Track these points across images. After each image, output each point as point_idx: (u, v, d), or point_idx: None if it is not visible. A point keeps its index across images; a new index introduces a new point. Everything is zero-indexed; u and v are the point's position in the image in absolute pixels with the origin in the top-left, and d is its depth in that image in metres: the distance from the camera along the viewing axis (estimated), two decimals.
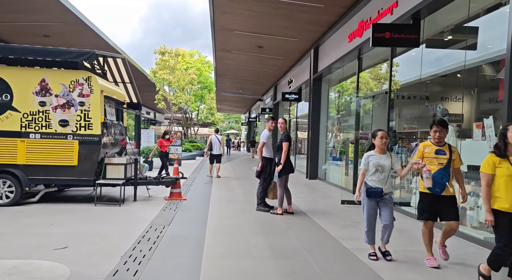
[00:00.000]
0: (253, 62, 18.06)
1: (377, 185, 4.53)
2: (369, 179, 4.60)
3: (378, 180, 4.54)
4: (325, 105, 13.79)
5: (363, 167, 4.64)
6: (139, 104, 10.94)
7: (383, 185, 4.53)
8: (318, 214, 7.28)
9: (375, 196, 4.54)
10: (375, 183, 4.55)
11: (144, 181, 8.24)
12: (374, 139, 4.64)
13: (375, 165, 4.54)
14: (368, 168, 4.61)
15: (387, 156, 4.63)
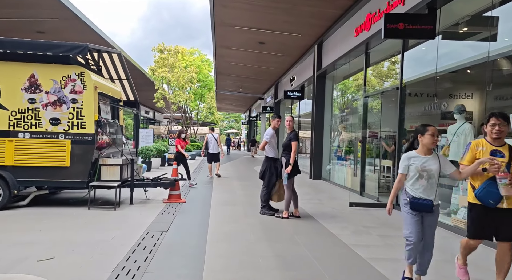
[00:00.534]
0: (254, 60, 17.61)
1: (422, 195, 3.56)
2: (411, 188, 3.62)
3: (423, 189, 3.57)
4: (329, 103, 13.34)
5: (402, 172, 3.66)
6: (137, 103, 10.49)
7: (432, 195, 3.57)
8: (326, 217, 6.84)
9: (423, 209, 3.57)
10: (419, 192, 3.57)
11: (141, 183, 7.79)
12: (421, 136, 3.59)
13: (419, 169, 3.57)
14: (408, 172, 3.64)
15: (434, 157, 3.60)
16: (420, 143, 3.63)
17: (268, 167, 6.95)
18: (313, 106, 13.61)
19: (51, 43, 6.81)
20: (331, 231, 5.80)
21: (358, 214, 7.24)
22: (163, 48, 23.14)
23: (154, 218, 6.40)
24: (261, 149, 7.00)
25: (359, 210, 7.57)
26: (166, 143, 18.36)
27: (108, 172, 7.22)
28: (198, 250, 4.65)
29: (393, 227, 6.16)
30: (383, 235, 5.64)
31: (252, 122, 40.79)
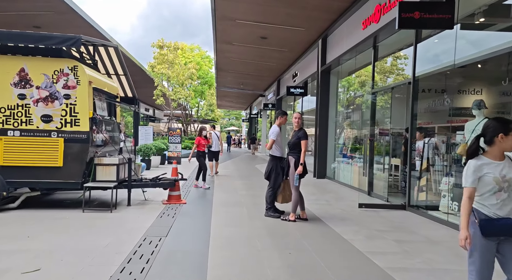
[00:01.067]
0: (256, 55, 17.17)
1: (499, 213, 2.64)
2: (483, 204, 2.69)
3: (501, 204, 2.65)
4: (334, 99, 12.92)
5: (471, 185, 2.67)
6: (135, 99, 10.09)
7: None
8: (335, 220, 6.44)
9: (501, 232, 2.63)
10: (495, 209, 2.65)
11: (139, 183, 7.39)
12: (504, 136, 2.64)
13: (499, 180, 2.63)
14: (480, 184, 2.68)
15: (508, 161, 2.72)
16: (494, 145, 2.69)
17: (274, 167, 6.54)
18: (317, 102, 13.19)
19: (41, 34, 6.38)
20: (343, 236, 5.39)
21: (369, 216, 6.83)
22: (162, 44, 22.68)
23: (152, 221, 5.99)
24: (268, 148, 6.59)
25: (369, 212, 7.17)
26: (166, 141, 17.95)
27: (104, 172, 6.81)
28: (199, 259, 4.25)
29: (408, 231, 5.76)
30: (399, 240, 5.24)
31: (253, 119, 40.36)
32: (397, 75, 8.49)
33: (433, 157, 6.65)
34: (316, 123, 13.24)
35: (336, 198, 8.86)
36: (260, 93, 29.59)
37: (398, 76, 8.33)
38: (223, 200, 8.15)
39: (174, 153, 17.55)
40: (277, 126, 6.70)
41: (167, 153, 17.38)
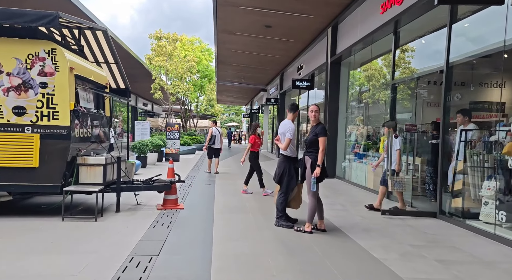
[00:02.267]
0: (259, 46, 16.17)
1: None
2: None
3: None
4: (344, 92, 11.96)
5: None
6: (128, 91, 9.11)
7: None
8: (358, 231, 5.50)
9: None
10: None
11: (130, 186, 6.45)
12: None
13: None
14: None
15: None
16: None
17: (287, 169, 5.60)
18: (326, 96, 12.24)
19: (12, 11, 5.38)
20: (372, 253, 4.46)
21: (395, 225, 5.90)
22: (160, 35, 21.66)
23: (143, 232, 5.06)
24: (284, 149, 5.64)
25: (394, 220, 6.24)
26: (163, 137, 17.00)
27: (89, 173, 5.87)
28: None
29: (449, 247, 4.83)
30: (443, 259, 4.30)
31: (254, 115, 39.38)
32: (426, 62, 7.52)
33: (471, 156, 5.69)
34: (324, 118, 12.29)
35: (352, 201, 7.93)
36: (261, 87, 28.60)
37: (427, 64, 7.36)
38: (225, 204, 7.22)
39: (172, 150, 16.61)
40: (291, 122, 5.77)
41: (165, 149, 16.44)
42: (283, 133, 5.70)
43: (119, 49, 19.02)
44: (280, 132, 5.77)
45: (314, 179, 5.21)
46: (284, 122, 5.82)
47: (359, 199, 8.21)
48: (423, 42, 7.63)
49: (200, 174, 12.07)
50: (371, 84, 10.21)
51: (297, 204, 5.89)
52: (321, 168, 5.17)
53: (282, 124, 5.84)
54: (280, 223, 5.60)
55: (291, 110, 5.92)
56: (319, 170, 5.18)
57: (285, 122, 5.81)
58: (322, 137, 5.24)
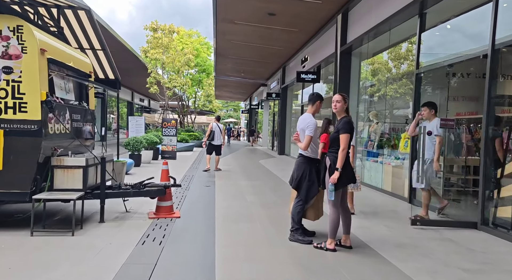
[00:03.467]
0: (261, 37, 15.19)
1: None
2: None
3: None
4: (355, 85, 11.01)
5: None
6: (118, 81, 8.15)
7: None
8: (390, 247, 4.57)
9: None
10: None
11: (117, 192, 5.48)
12: None
13: None
14: None
15: None
16: None
17: (307, 172, 4.65)
18: (335, 90, 11.28)
19: None
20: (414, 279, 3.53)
21: (431, 238, 4.97)
22: (156, 26, 20.59)
23: (130, 251, 4.11)
24: (304, 148, 4.67)
25: (428, 231, 5.31)
26: (159, 133, 16.02)
27: (66, 177, 4.90)
28: None
29: (510, 270, 3.90)
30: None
31: (253, 110, 38.41)
32: (457, 47, 6.55)
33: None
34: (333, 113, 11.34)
35: (371, 206, 6.99)
36: (262, 82, 27.63)
37: (463, 48, 6.37)
38: (228, 211, 6.27)
39: (168, 147, 15.65)
40: (312, 116, 4.82)
41: (161, 147, 15.47)
42: (303, 130, 4.75)
43: (112, 40, 17.96)
44: (299, 128, 4.81)
45: (332, 185, 4.27)
46: (304, 117, 4.86)
47: (378, 204, 7.29)
48: (456, 24, 6.65)
49: (198, 173, 11.12)
50: (387, 75, 9.24)
51: (316, 214, 4.95)
52: (343, 172, 4.24)
53: (302, 118, 4.88)
54: (296, 238, 4.66)
55: (312, 101, 4.94)
56: (337, 174, 4.23)
57: (304, 117, 4.85)
58: (344, 134, 4.29)
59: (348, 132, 4.33)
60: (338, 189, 4.32)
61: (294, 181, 4.76)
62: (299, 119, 4.96)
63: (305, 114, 4.92)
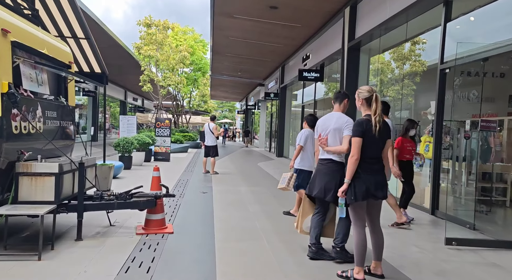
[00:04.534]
0: (260, 34, 14.37)
1: None
2: None
3: None
4: (364, 83, 10.21)
5: None
6: (105, 76, 7.30)
7: None
8: (428, 274, 3.76)
9: None
10: None
11: (97, 204, 4.61)
12: None
13: None
14: None
15: None
16: None
17: (337, 182, 3.85)
18: (342, 89, 10.48)
19: None
20: None
21: (474, 263, 4.17)
22: (150, 22, 19.68)
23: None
24: (345, 151, 3.89)
25: (465, 253, 4.51)
26: (152, 134, 15.14)
27: (34, 187, 4.03)
28: None
29: None
30: None
31: (249, 111, 37.60)
32: (491, 38, 5.76)
33: None
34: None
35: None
36: (259, 82, 26.82)
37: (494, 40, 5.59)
38: (228, 225, 5.43)
39: (162, 148, 14.76)
40: (343, 114, 4.11)
41: (154, 148, 14.58)
42: (338, 130, 4.04)
43: (104, 35, 17.07)
44: (332, 128, 4.09)
45: (342, 200, 3.50)
46: (337, 115, 4.16)
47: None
48: (487, 12, 5.87)
49: (194, 177, 10.27)
50: (402, 71, 8.44)
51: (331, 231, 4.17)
52: (356, 184, 3.44)
53: (333, 117, 4.18)
54: (321, 254, 3.86)
55: (339, 99, 4.29)
56: (345, 186, 3.50)
57: (337, 115, 4.15)
58: (352, 138, 3.54)
59: (356, 136, 3.51)
60: (350, 204, 3.54)
61: (321, 190, 4.02)
62: (325, 119, 4.23)
63: (336, 113, 4.22)
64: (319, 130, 4.24)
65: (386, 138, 3.62)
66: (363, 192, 3.50)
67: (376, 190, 3.53)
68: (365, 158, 3.50)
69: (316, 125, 4.36)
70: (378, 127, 3.49)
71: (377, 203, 3.65)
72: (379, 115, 3.54)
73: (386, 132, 3.62)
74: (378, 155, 3.58)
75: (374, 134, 3.49)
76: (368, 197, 3.53)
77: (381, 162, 3.62)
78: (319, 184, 4.07)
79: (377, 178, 3.55)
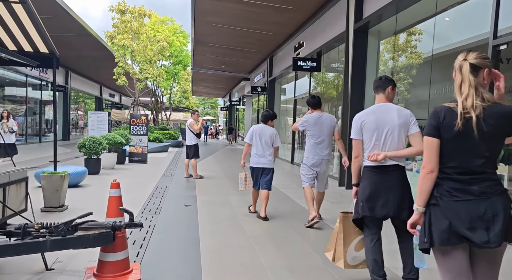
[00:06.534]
0: (248, 19, 12.82)
1: None
2: None
3: None
4: (372, 71, 8.78)
5: None
6: (54, 57, 5.63)
7: None
8: None
9: None
10: None
11: (18, 243, 2.96)
12: None
13: None
14: None
15: None
16: None
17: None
18: (346, 79, 9.03)
19: None
20: None
21: None
22: (124, 8, 17.79)
23: None
24: (415, 154, 2.91)
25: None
26: (126, 132, 13.39)
27: None
28: None
29: None
30: None
31: (233, 107, 35.98)
32: None
33: None
34: (345, 108, 9.10)
35: None
36: (243, 76, 25.25)
37: None
38: (222, 260, 3.86)
39: (138, 148, 13.04)
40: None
41: (128, 148, 12.85)
42: (404, 126, 2.98)
43: (72, 22, 15.14)
44: (397, 124, 3.02)
45: (417, 240, 2.19)
46: (394, 107, 3.10)
47: None
48: None
49: (174, 183, 8.65)
50: (432, 53, 6.98)
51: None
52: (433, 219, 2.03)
53: (391, 110, 3.08)
54: None
55: (381, 87, 3.20)
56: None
57: (395, 107, 3.08)
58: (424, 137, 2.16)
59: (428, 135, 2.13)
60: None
61: (402, 211, 3.00)
62: (378, 113, 2.91)
63: (389, 104, 2.98)
64: (369, 129, 3.06)
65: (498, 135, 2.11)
66: (444, 231, 2.01)
67: (472, 228, 2.02)
68: (447, 169, 2.04)
69: (360, 123, 3.13)
70: (475, 118, 2.01)
71: (487, 252, 2.14)
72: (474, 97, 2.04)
73: None
74: (478, 166, 2.08)
75: (464, 131, 2.02)
76: (458, 240, 2.02)
77: (486, 178, 2.11)
78: (388, 200, 3.00)
79: (473, 207, 2.04)
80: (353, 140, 3.21)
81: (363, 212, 3.07)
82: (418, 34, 7.48)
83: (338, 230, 3.26)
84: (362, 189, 3.13)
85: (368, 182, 3.11)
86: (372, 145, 3.10)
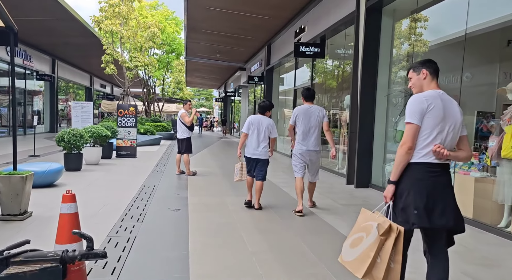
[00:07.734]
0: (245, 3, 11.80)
1: None
2: None
3: None
4: (386, 57, 7.84)
5: None
6: (12, 32, 4.64)
7: None
8: None
9: None
10: None
11: None
12: None
13: None
14: None
15: None
16: None
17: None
18: (356, 65, 8.07)
19: None
20: None
21: None
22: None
23: None
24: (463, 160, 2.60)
25: None
26: (113, 124, 12.38)
27: None
28: None
29: None
30: None
31: (228, 98, 34.94)
32: None
33: None
34: (353, 98, 8.17)
35: (465, 248, 3.84)
36: (239, 66, 24.20)
37: None
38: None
39: (126, 142, 12.04)
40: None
41: (115, 141, 11.86)
42: (460, 124, 2.47)
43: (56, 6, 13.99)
44: (460, 121, 2.47)
45: None
46: (447, 97, 2.47)
47: (468, 243, 4.16)
48: None
49: (164, 181, 7.70)
50: (462, 35, 6.03)
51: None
52: None
53: (451, 102, 2.46)
54: None
55: (417, 69, 2.56)
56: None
57: (447, 97, 2.46)
58: None
59: None
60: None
61: (460, 220, 2.46)
62: (441, 101, 2.12)
63: (436, 91, 2.45)
64: (436, 117, 2.38)
65: None
66: None
67: None
68: None
69: (428, 106, 2.48)
70: None
71: None
72: None
73: None
74: None
75: None
76: None
77: None
78: (446, 207, 2.39)
79: None
80: (410, 124, 2.42)
81: (421, 222, 2.34)
82: (444, 11, 6.52)
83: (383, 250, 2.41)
84: (415, 192, 2.38)
85: (423, 183, 2.38)
86: (434, 136, 2.35)
